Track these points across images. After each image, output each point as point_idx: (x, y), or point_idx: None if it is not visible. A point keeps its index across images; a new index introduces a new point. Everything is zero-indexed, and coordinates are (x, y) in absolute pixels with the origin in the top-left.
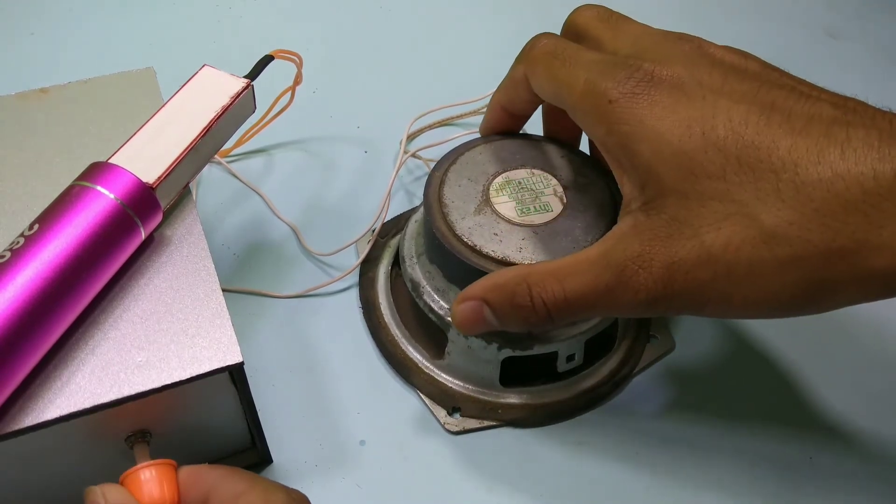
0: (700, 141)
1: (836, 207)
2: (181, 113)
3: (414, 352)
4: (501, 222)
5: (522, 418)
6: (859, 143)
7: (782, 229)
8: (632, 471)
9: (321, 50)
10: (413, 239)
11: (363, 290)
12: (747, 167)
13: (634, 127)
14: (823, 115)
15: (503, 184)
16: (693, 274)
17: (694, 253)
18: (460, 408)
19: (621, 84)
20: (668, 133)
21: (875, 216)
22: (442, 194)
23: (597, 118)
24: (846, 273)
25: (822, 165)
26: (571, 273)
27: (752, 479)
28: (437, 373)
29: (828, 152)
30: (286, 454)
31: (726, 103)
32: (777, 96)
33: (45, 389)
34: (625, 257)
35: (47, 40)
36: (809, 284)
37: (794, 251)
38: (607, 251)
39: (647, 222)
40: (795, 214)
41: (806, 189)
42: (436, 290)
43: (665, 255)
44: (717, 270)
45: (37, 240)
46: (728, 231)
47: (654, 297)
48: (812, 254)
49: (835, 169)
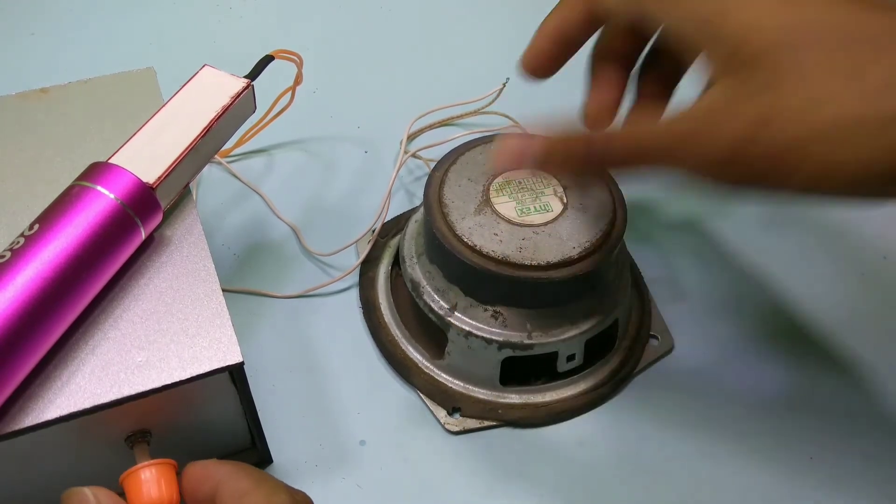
0: (797, 12)
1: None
2: (181, 113)
3: (414, 352)
4: (501, 222)
5: (523, 418)
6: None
7: (886, 88)
8: (632, 471)
9: (321, 50)
10: (413, 239)
11: (363, 290)
12: (852, 35)
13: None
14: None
15: (503, 184)
16: (791, 126)
17: (796, 102)
18: (460, 408)
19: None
20: (766, 5)
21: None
22: (442, 194)
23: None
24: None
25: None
26: (661, 125)
27: (752, 479)
28: (437, 373)
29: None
30: (286, 454)
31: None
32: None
33: (45, 389)
34: (712, 103)
35: (48, 40)
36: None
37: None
38: (703, 105)
39: (739, 84)
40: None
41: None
42: (436, 290)
43: (763, 103)
44: (817, 126)
45: (37, 240)
46: (832, 86)
47: (738, 147)
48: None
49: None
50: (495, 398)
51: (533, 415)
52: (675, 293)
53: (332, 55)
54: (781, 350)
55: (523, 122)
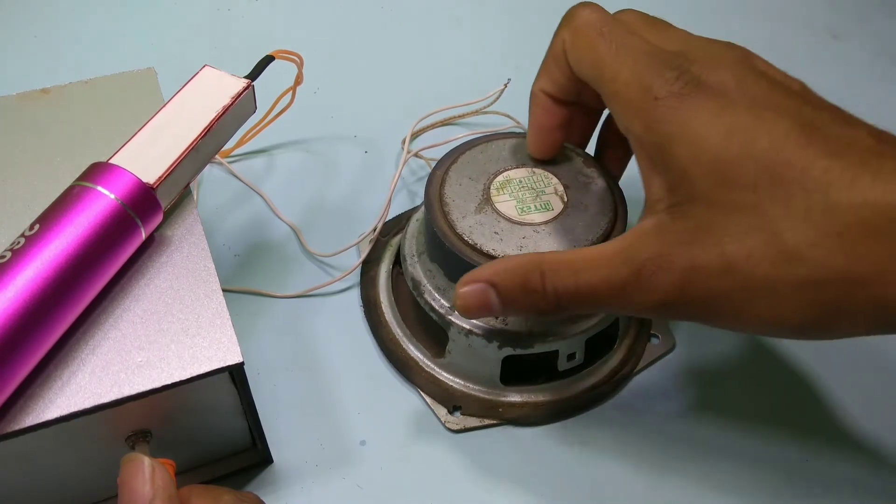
0: (739, 150)
1: (860, 234)
2: (182, 113)
3: (415, 350)
4: (502, 221)
5: (523, 416)
6: (890, 174)
7: (804, 250)
8: (633, 471)
9: (322, 50)
10: (414, 237)
11: (364, 289)
12: (780, 183)
13: (676, 128)
14: (860, 142)
15: (504, 182)
16: (711, 282)
17: (715, 261)
18: (461, 406)
19: (669, 83)
20: (708, 139)
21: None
22: (443, 193)
23: (637, 112)
24: (862, 302)
25: (853, 190)
26: (587, 266)
27: (752, 479)
28: (437, 371)
29: (861, 178)
30: (286, 454)
31: (771, 116)
32: (818, 117)
33: (46, 389)
34: (644, 256)
35: (48, 41)
36: (823, 309)
37: (812, 273)
38: (626, 248)
39: (671, 225)
40: (819, 236)
41: (834, 212)
42: (437, 288)
43: (685, 260)
44: (735, 282)
45: (37, 240)
46: (751, 244)
47: (668, 300)
48: (830, 278)
49: (865, 195)
50: (496, 397)
51: (533, 413)
52: None
53: (333, 55)
54: (781, 351)
55: (525, 122)
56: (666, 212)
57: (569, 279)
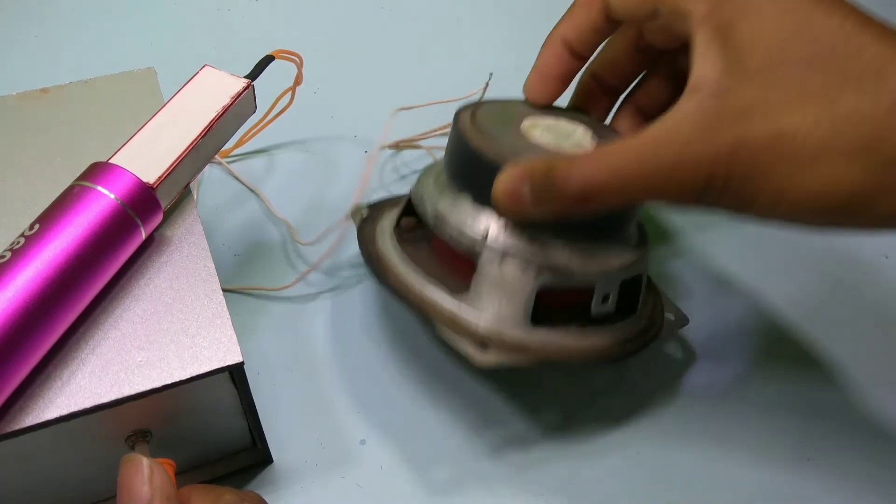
0: (796, 28)
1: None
2: (182, 113)
3: (432, 291)
4: (539, 148)
5: (554, 356)
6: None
7: (858, 117)
8: (631, 470)
9: (322, 50)
10: (433, 177)
11: (365, 245)
12: (836, 59)
13: (739, 8)
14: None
15: (531, 125)
16: (759, 156)
17: (764, 134)
18: (487, 344)
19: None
20: (769, 18)
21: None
22: (476, 119)
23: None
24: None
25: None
26: (621, 151)
27: (752, 479)
28: (459, 307)
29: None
30: (286, 454)
31: (826, 5)
32: (868, 16)
33: (46, 389)
34: (688, 135)
35: (49, 41)
36: (871, 179)
37: (864, 141)
38: (667, 129)
39: (717, 105)
40: (873, 106)
41: (887, 86)
42: (467, 215)
43: (732, 135)
44: (785, 153)
45: (37, 240)
46: (803, 114)
47: (711, 178)
48: (882, 149)
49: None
50: (524, 337)
51: (564, 355)
52: (678, 294)
53: (333, 55)
54: (781, 351)
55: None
56: (712, 95)
57: (598, 164)
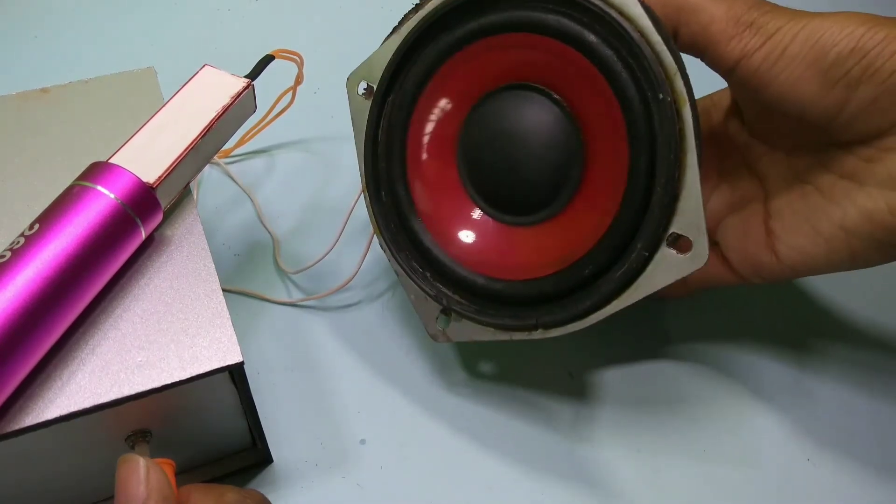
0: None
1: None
2: (182, 113)
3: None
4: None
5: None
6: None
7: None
8: (632, 469)
9: (322, 50)
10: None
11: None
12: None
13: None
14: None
15: None
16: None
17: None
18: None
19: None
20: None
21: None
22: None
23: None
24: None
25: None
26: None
27: (752, 479)
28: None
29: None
30: (286, 454)
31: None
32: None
33: (46, 389)
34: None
35: (49, 41)
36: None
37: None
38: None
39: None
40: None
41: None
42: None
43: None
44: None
45: (37, 239)
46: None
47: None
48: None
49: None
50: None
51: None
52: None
53: (333, 55)
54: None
55: None
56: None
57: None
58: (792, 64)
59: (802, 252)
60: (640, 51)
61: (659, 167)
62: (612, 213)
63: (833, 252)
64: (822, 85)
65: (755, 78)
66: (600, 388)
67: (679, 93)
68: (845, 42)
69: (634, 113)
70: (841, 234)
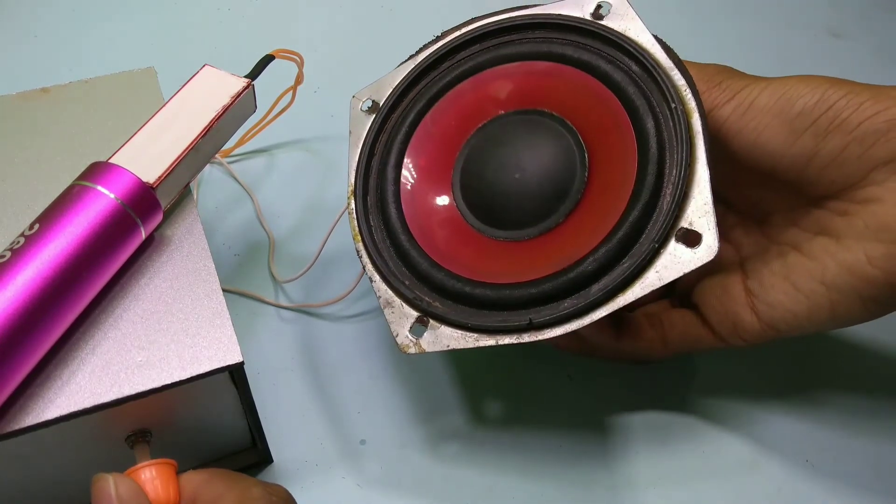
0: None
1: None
2: (182, 113)
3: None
4: None
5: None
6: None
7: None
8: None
9: (322, 49)
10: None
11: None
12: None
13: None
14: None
15: None
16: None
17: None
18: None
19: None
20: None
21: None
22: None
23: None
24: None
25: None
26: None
27: (753, 479)
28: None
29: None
30: (286, 454)
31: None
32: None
33: (46, 389)
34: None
35: (49, 41)
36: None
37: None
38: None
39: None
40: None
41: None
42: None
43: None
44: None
45: (37, 239)
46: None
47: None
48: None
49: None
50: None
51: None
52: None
53: (333, 55)
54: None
55: None
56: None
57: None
58: (759, 114)
59: (783, 309)
60: (650, 66)
61: (669, 166)
62: (616, 215)
63: (814, 308)
64: (789, 133)
65: (724, 127)
66: (599, 388)
67: (688, 103)
68: (810, 95)
69: (642, 121)
70: (821, 289)
